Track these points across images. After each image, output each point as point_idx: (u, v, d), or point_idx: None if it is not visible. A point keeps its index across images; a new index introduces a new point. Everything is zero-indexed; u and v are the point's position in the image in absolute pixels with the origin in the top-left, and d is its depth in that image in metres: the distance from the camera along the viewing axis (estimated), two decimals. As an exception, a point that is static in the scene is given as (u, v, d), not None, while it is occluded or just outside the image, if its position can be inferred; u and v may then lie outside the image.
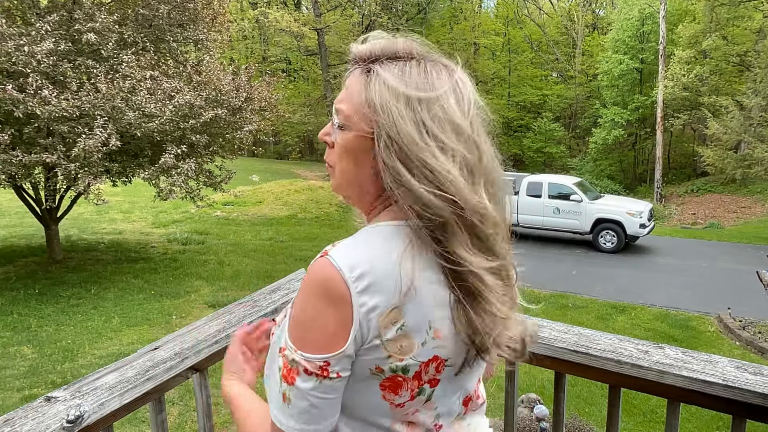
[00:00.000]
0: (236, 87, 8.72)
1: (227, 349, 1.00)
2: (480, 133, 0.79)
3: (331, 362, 0.72)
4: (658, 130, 21.98)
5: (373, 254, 0.73)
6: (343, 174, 0.82)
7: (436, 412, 0.83)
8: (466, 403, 0.89)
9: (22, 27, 7.11)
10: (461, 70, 0.82)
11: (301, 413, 0.74)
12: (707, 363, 1.21)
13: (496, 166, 0.80)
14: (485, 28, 33.50)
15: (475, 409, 0.93)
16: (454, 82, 0.79)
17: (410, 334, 0.74)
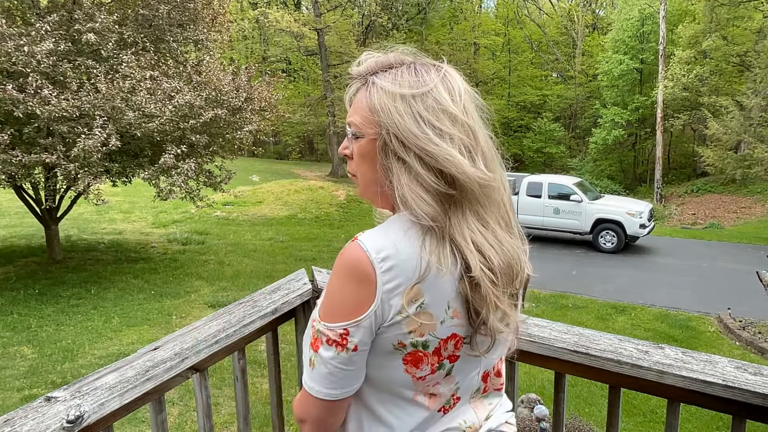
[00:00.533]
0: (236, 87, 8.72)
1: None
2: (473, 117, 0.87)
3: (350, 330, 0.81)
4: (658, 131, 21.98)
5: (397, 239, 0.81)
6: (363, 178, 0.91)
7: (456, 386, 0.91)
8: (485, 379, 0.97)
9: (22, 27, 7.11)
10: (448, 65, 0.89)
11: (322, 378, 0.85)
12: (707, 363, 1.21)
13: (491, 146, 0.88)
14: (485, 28, 33.49)
15: (496, 387, 1.01)
16: (442, 76, 0.86)
17: (430, 312, 0.81)
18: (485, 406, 0.98)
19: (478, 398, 0.97)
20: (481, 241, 0.81)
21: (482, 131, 0.86)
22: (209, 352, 1.33)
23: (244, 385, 1.51)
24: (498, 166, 0.87)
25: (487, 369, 0.96)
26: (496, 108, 26.76)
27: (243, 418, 1.53)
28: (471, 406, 0.96)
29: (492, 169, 0.85)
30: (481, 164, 0.83)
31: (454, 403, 0.93)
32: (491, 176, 0.83)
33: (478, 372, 0.94)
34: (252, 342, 1.49)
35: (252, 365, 5.39)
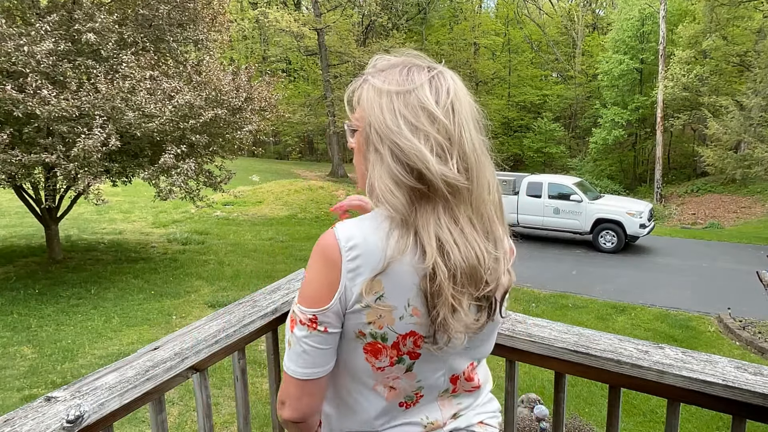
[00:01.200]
0: (236, 87, 8.72)
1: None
2: (459, 119, 0.86)
3: (318, 317, 0.86)
4: (658, 130, 21.98)
5: (368, 230, 0.84)
6: (358, 169, 0.96)
7: (418, 384, 0.93)
8: (454, 381, 0.96)
9: (22, 27, 7.11)
10: (445, 67, 0.91)
11: (297, 357, 0.89)
12: (707, 363, 1.21)
13: (478, 149, 0.87)
14: (485, 28, 33.48)
15: (469, 390, 1.00)
16: (432, 76, 0.87)
17: (389, 306, 0.84)
18: (453, 406, 0.99)
19: (446, 398, 0.98)
20: (445, 237, 0.82)
21: (469, 133, 0.86)
22: (209, 352, 1.33)
23: (244, 385, 1.51)
24: (483, 170, 0.86)
25: (456, 373, 0.96)
26: (496, 108, 26.80)
27: (243, 418, 1.53)
28: (438, 403, 0.97)
29: (470, 170, 0.84)
30: (454, 164, 0.83)
31: (417, 400, 0.95)
32: (459, 177, 0.83)
33: (444, 374, 0.94)
34: (252, 342, 1.49)
35: (252, 365, 5.39)
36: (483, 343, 0.98)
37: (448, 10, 33.92)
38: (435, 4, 32.24)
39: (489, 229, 0.86)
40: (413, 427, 0.95)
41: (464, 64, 30.67)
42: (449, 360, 0.93)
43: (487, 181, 0.86)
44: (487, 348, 1.00)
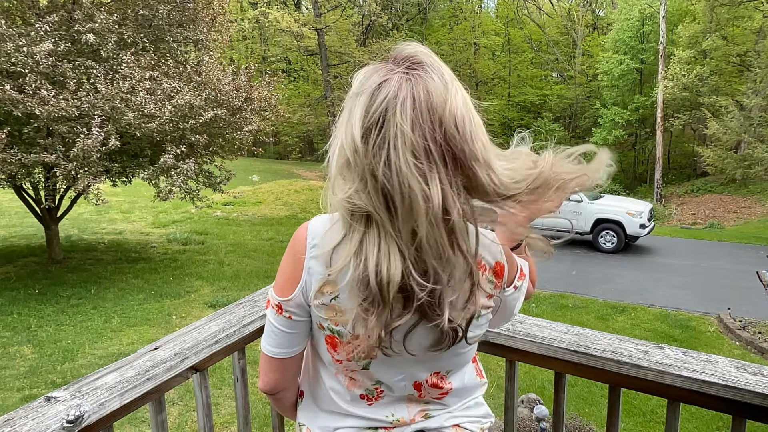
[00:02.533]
0: (236, 87, 8.72)
1: None
2: (381, 134, 0.75)
3: (282, 305, 0.91)
4: (658, 131, 21.98)
5: (329, 232, 0.85)
6: None
7: (377, 382, 0.95)
8: (418, 388, 0.96)
9: (21, 27, 7.11)
10: (431, 67, 0.79)
11: (267, 336, 0.96)
12: (707, 363, 1.21)
13: (401, 171, 0.74)
14: (485, 28, 33.49)
15: (436, 397, 0.99)
16: (383, 82, 0.77)
17: (342, 308, 0.86)
18: (421, 407, 0.99)
19: (414, 400, 0.98)
20: (372, 256, 0.77)
21: (393, 155, 0.74)
22: (209, 352, 1.33)
23: (244, 385, 1.51)
24: (412, 196, 0.74)
25: (418, 380, 0.94)
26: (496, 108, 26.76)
27: (243, 418, 1.53)
28: (405, 404, 0.98)
29: (389, 196, 0.75)
30: (348, 181, 0.78)
31: (378, 395, 0.97)
32: (364, 204, 0.77)
33: (404, 379, 0.94)
34: (252, 342, 1.49)
35: (252, 365, 5.38)
36: (449, 358, 0.94)
37: (448, 10, 33.92)
38: (435, 4, 32.24)
39: (436, 257, 0.77)
40: (376, 423, 0.98)
41: (464, 64, 30.67)
42: (407, 367, 0.92)
43: (433, 191, 0.74)
44: (456, 362, 0.97)
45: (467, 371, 1.03)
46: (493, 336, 1.41)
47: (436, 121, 0.75)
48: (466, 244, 0.79)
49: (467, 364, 1.02)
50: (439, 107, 0.75)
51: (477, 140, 0.77)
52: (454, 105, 0.76)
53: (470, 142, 0.76)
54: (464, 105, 0.78)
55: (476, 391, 1.06)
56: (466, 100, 0.79)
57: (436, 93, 0.76)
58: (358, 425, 0.98)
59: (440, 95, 0.76)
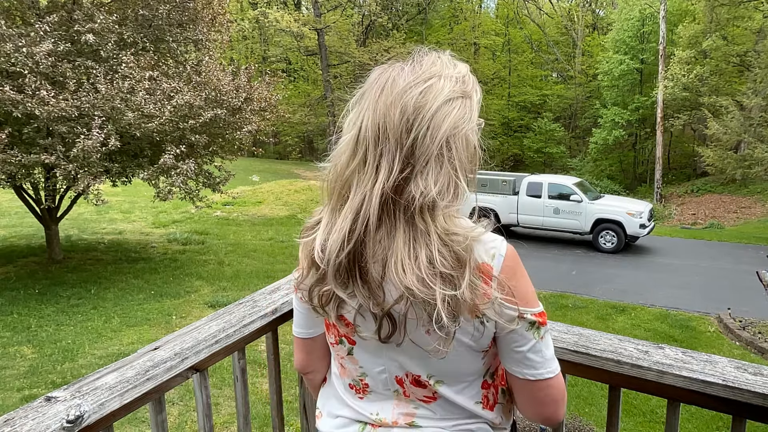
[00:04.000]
0: (236, 87, 8.72)
1: None
2: (374, 120, 0.81)
3: (296, 285, 0.95)
4: (658, 131, 21.99)
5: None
6: None
7: (361, 371, 0.96)
8: (401, 383, 0.93)
9: (21, 27, 7.11)
10: (411, 61, 0.87)
11: (293, 315, 1.06)
12: (707, 363, 1.21)
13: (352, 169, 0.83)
14: (485, 28, 33.50)
15: (422, 399, 0.94)
16: (375, 78, 0.86)
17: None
18: (409, 410, 0.94)
19: (402, 399, 0.95)
20: (329, 229, 0.84)
21: (374, 130, 0.81)
22: (209, 352, 1.33)
23: (244, 385, 1.51)
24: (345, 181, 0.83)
25: (398, 374, 0.92)
26: (496, 108, 26.73)
27: (243, 418, 1.53)
28: (393, 402, 0.95)
29: (338, 202, 0.84)
30: (346, 158, 0.83)
31: (363, 388, 0.97)
32: (331, 169, 0.85)
33: (386, 371, 0.93)
34: (252, 342, 1.49)
35: (252, 365, 5.39)
36: (432, 363, 0.89)
37: (448, 10, 33.92)
38: (435, 4, 32.25)
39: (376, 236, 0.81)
40: (364, 418, 0.98)
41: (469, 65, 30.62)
42: (387, 359, 0.91)
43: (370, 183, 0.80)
44: (443, 370, 0.90)
45: (467, 392, 0.94)
46: (493, 336, 1.41)
47: (393, 105, 0.80)
48: (409, 228, 0.79)
49: (465, 381, 0.93)
50: (397, 94, 0.81)
51: (434, 142, 0.80)
52: (410, 96, 0.80)
53: (421, 138, 0.79)
54: (433, 101, 0.81)
55: (483, 418, 0.96)
56: (446, 100, 0.82)
57: (401, 81, 0.82)
58: (351, 416, 0.99)
59: (405, 84, 0.81)
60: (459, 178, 0.82)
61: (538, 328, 0.87)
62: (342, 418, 1.00)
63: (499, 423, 0.99)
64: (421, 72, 0.84)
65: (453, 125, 0.81)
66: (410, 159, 0.79)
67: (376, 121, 0.81)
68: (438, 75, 0.84)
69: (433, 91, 0.82)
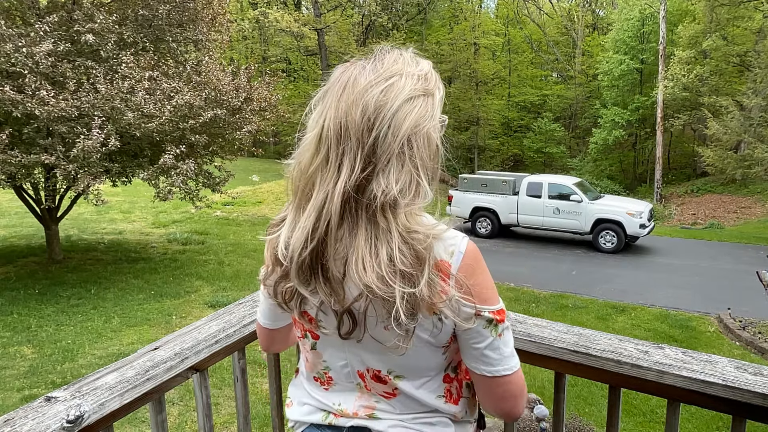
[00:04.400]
0: (236, 87, 8.71)
1: None
2: (332, 116, 0.83)
3: (262, 280, 0.96)
4: (658, 131, 21.99)
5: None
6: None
7: (325, 365, 0.98)
8: (362, 377, 0.95)
9: (21, 28, 7.11)
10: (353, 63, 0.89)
11: (260, 305, 1.10)
12: (707, 363, 1.21)
13: (314, 170, 0.83)
14: (485, 28, 33.46)
15: (382, 394, 0.95)
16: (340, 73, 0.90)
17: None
18: (371, 403, 0.96)
19: (364, 392, 0.97)
20: (293, 227, 0.85)
21: (331, 132, 0.82)
22: (209, 352, 1.33)
23: (244, 385, 1.51)
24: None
25: (360, 369, 0.94)
26: (496, 108, 26.67)
27: (243, 418, 1.53)
28: (356, 395, 0.97)
29: (302, 200, 0.85)
30: (309, 156, 0.84)
31: (327, 381, 0.99)
32: (295, 167, 0.87)
33: (348, 365, 0.94)
34: (252, 342, 1.49)
35: (252, 365, 5.39)
36: (392, 358, 0.89)
37: (448, 10, 33.90)
38: (435, 4, 32.24)
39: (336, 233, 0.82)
40: (327, 408, 1.00)
41: (464, 65, 30.66)
42: (350, 354, 0.93)
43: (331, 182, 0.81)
44: (403, 365, 0.91)
45: (429, 386, 0.94)
46: (493, 336, 1.41)
47: (354, 104, 0.81)
48: (369, 224, 0.80)
49: (426, 376, 0.93)
50: (358, 93, 0.81)
51: (396, 141, 0.80)
52: (371, 95, 0.80)
53: (382, 137, 0.80)
54: (394, 100, 0.81)
55: (444, 413, 0.96)
56: (407, 98, 0.82)
57: (362, 79, 0.83)
58: (316, 405, 1.02)
59: (366, 83, 0.82)
60: (420, 176, 0.82)
61: (496, 326, 0.88)
62: (308, 406, 1.03)
63: (462, 417, 0.99)
64: (383, 70, 0.83)
65: (414, 123, 0.81)
66: (372, 158, 0.80)
67: (338, 119, 0.81)
68: (399, 73, 0.83)
69: (395, 89, 0.82)
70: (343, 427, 0.97)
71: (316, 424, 1.00)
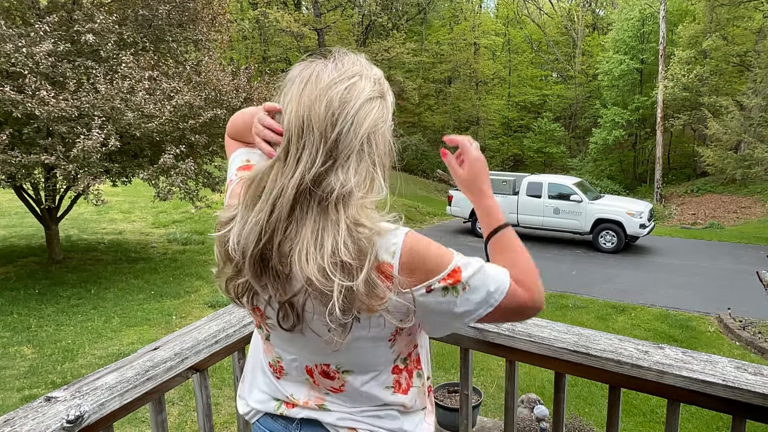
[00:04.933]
0: (236, 87, 8.71)
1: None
2: (297, 113, 0.84)
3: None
4: (658, 131, 21.99)
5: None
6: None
7: (277, 356, 0.99)
8: (310, 373, 0.96)
9: (21, 28, 7.11)
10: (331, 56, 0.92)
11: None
12: (707, 363, 1.21)
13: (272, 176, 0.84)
14: (485, 28, 33.47)
15: (330, 390, 0.96)
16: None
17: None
18: (320, 395, 0.98)
19: (312, 387, 0.98)
20: (245, 221, 0.84)
21: (293, 132, 0.83)
22: (209, 352, 1.33)
23: (244, 385, 1.51)
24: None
25: (308, 365, 0.95)
26: (496, 108, 26.66)
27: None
28: (306, 387, 0.99)
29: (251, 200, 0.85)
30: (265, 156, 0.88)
31: (279, 370, 1.00)
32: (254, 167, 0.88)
33: (296, 360, 0.96)
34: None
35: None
36: (340, 352, 0.91)
37: (448, 10, 33.90)
38: (435, 4, 32.22)
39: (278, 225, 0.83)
40: (280, 396, 1.01)
41: (464, 64, 30.66)
42: (299, 349, 0.94)
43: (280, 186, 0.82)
44: (350, 360, 0.93)
45: (378, 379, 0.95)
46: (493, 336, 1.41)
47: (318, 99, 0.83)
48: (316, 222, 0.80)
49: (374, 371, 0.95)
50: (322, 88, 0.83)
51: (357, 137, 0.82)
52: (336, 91, 0.83)
53: (345, 133, 0.82)
54: (356, 98, 0.83)
55: (392, 405, 0.97)
56: (368, 98, 0.85)
57: (325, 76, 0.85)
58: (270, 393, 1.03)
59: (330, 80, 0.84)
60: (377, 171, 0.85)
61: (454, 287, 0.86)
62: (263, 394, 1.04)
63: (412, 406, 1.00)
64: (344, 70, 0.86)
65: (374, 123, 0.84)
66: (333, 152, 0.81)
67: (300, 113, 0.83)
68: (359, 74, 0.87)
69: (357, 88, 0.84)
70: (295, 418, 0.99)
71: (270, 414, 1.03)
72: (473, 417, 3.76)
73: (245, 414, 1.08)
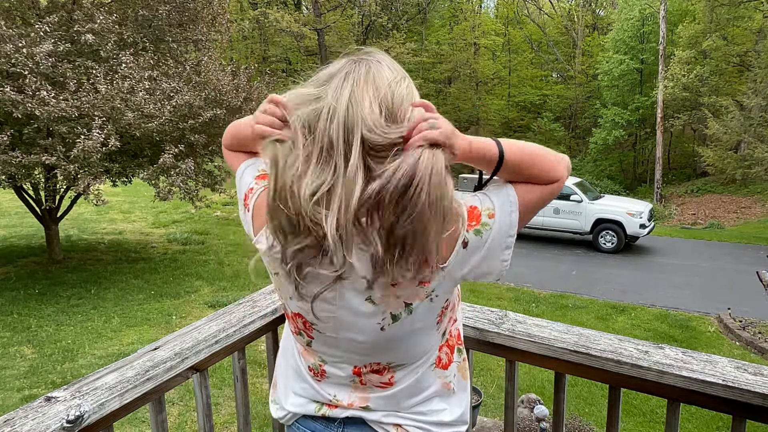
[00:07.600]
0: (235, 87, 8.72)
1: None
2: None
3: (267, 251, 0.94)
4: (658, 131, 21.98)
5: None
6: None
7: (320, 359, 0.99)
8: (358, 373, 0.96)
9: (21, 28, 7.11)
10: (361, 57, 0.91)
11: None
12: (707, 363, 1.21)
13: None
14: (485, 28, 33.46)
15: (378, 386, 0.97)
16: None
17: (281, 285, 0.92)
18: (365, 395, 0.98)
19: (358, 387, 0.98)
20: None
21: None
22: (209, 352, 1.33)
23: (244, 385, 1.51)
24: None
25: (358, 365, 0.96)
26: (496, 108, 26.69)
27: (243, 418, 1.53)
28: (351, 388, 0.98)
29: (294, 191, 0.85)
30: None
31: (322, 374, 1.00)
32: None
33: (343, 361, 0.96)
34: (252, 342, 1.49)
35: (252, 365, 5.39)
36: (387, 349, 0.92)
37: (448, 10, 33.90)
38: (435, 4, 32.23)
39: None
40: (321, 399, 1.01)
41: (464, 64, 30.65)
42: (345, 353, 0.94)
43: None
44: (396, 354, 0.93)
45: (423, 374, 0.97)
46: (493, 336, 1.41)
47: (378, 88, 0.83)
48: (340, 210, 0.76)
49: (418, 363, 0.96)
50: (379, 80, 0.84)
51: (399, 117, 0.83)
52: (395, 82, 0.86)
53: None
54: (407, 89, 0.86)
55: (435, 391, 0.99)
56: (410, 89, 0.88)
57: (387, 73, 0.86)
58: (309, 396, 1.03)
59: (392, 78, 0.86)
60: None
61: (481, 228, 0.89)
62: (300, 398, 1.04)
63: (452, 386, 1.01)
64: (395, 69, 0.90)
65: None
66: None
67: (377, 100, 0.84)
68: (404, 74, 0.91)
69: (412, 86, 0.90)
70: (337, 417, 0.99)
71: (309, 416, 1.03)
72: (473, 417, 3.77)
73: (280, 418, 1.08)
